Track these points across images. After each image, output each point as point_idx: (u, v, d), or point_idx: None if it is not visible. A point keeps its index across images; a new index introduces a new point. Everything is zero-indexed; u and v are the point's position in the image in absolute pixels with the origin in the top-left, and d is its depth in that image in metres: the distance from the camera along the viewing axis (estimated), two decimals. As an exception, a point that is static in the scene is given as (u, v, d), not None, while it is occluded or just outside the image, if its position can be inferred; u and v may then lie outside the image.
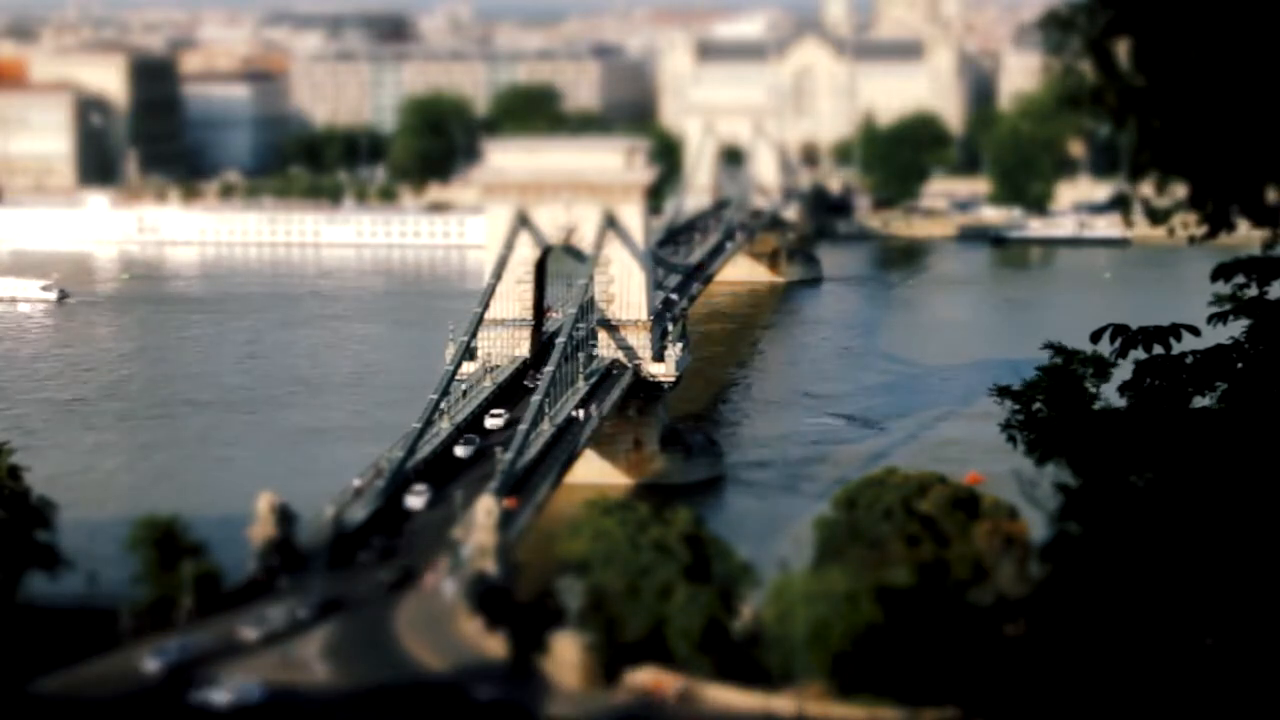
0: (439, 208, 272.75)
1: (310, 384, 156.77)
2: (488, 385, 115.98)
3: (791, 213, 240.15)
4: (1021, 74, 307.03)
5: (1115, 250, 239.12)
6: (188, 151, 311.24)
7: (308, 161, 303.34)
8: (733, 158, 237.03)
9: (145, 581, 72.94)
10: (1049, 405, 26.63)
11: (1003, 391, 27.32)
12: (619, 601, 68.09)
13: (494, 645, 69.14)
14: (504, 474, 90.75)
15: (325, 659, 68.77)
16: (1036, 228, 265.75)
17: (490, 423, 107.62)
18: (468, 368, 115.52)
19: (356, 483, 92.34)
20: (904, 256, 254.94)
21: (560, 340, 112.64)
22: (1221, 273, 23.92)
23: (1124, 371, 24.64)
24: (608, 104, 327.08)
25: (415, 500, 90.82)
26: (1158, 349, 23.85)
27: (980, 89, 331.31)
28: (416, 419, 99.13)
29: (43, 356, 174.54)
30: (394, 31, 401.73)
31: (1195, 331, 24.14)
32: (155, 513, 77.54)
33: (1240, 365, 23.52)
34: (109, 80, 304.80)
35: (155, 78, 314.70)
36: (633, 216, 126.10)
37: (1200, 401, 23.92)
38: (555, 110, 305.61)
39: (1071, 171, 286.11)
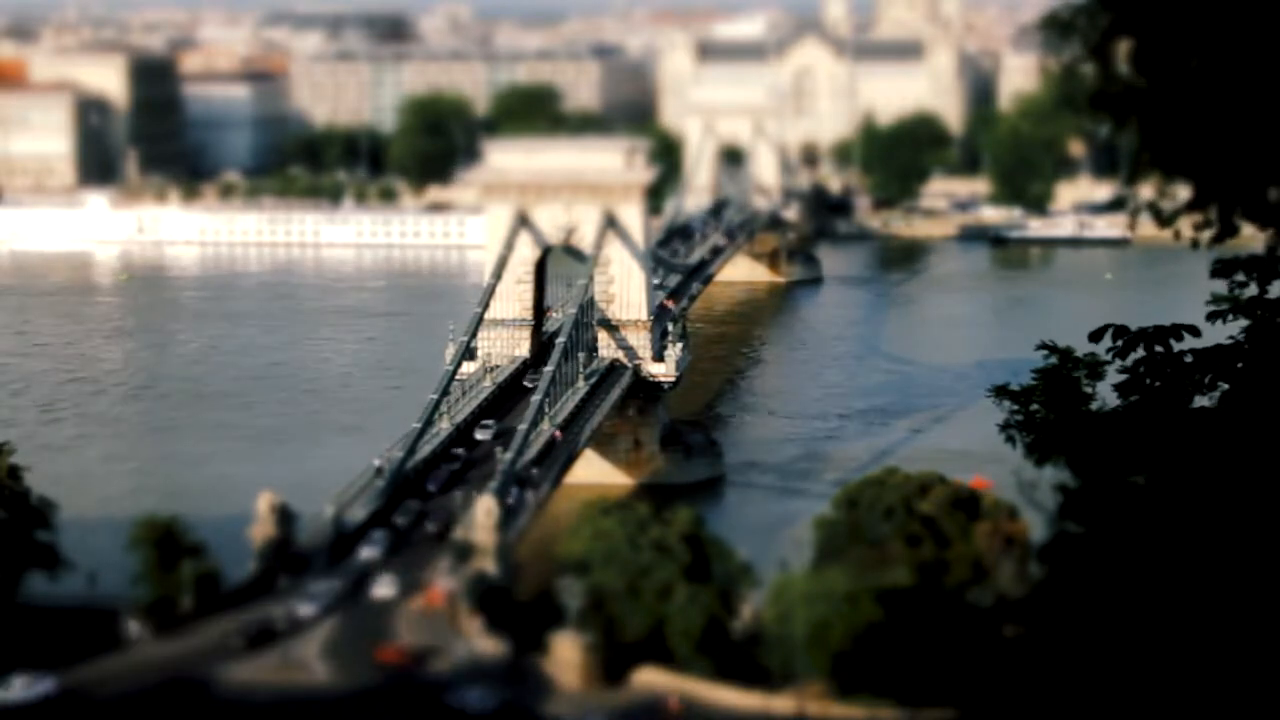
0: (439, 208, 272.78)
1: (308, 382, 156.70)
2: (487, 385, 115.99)
3: (791, 213, 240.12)
4: (1021, 74, 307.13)
5: (1115, 250, 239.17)
6: (188, 151, 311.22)
7: (308, 161, 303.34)
8: (733, 158, 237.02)
9: (145, 581, 72.97)
10: (1047, 406, 26.61)
11: (1000, 392, 27.29)
12: (619, 601, 68.14)
13: (493, 645, 69.18)
14: (504, 474, 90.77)
15: (325, 659, 68.80)
16: (1036, 228, 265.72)
17: (480, 434, 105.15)
18: (468, 367, 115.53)
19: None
20: (904, 256, 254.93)
21: (560, 340, 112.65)
22: (1220, 271, 23.91)
23: (1118, 373, 24.61)
24: (608, 104, 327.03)
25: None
26: (1156, 349, 23.85)
27: (980, 89, 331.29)
28: (416, 419, 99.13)
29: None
30: (394, 31, 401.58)
31: (1195, 332, 24.13)
32: (155, 513, 77.64)
33: (1239, 365, 23.52)
34: (109, 80, 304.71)
35: (155, 78, 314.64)
36: (633, 216, 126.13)
37: (1199, 401, 23.91)
38: (555, 110, 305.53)
39: (1071, 171, 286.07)
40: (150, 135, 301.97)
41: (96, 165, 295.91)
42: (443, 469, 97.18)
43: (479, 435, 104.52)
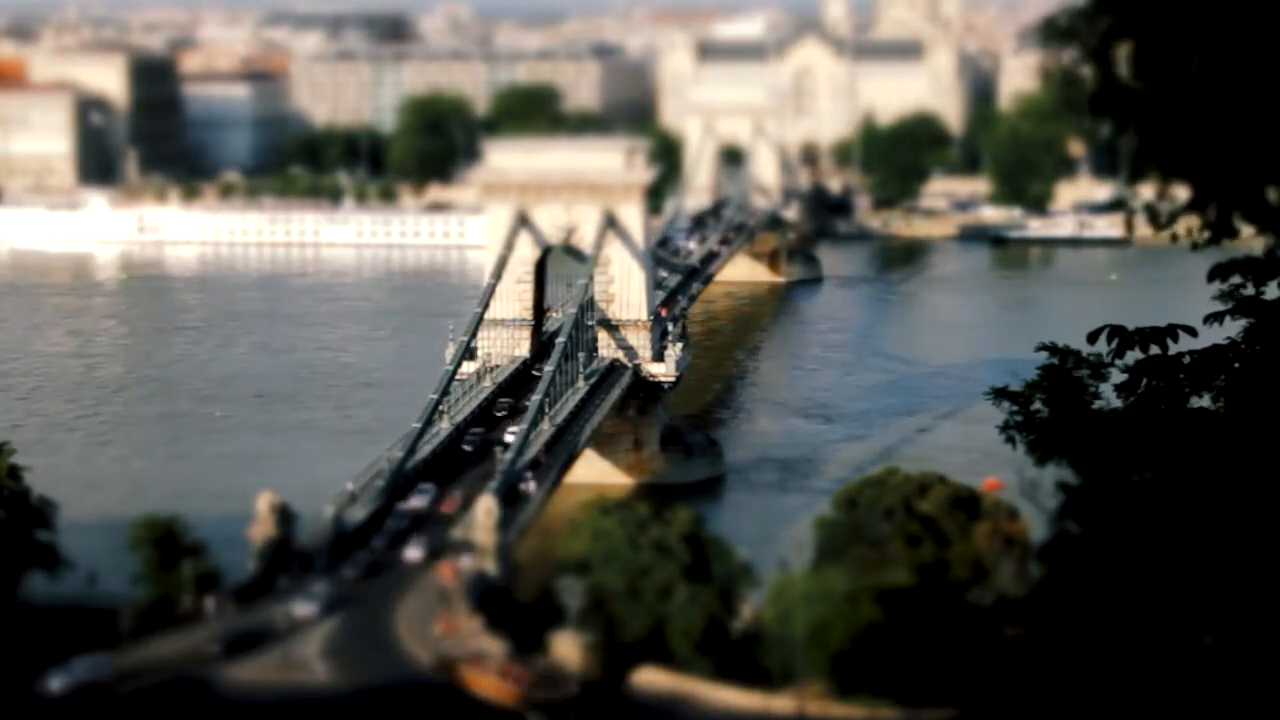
0: (439, 208, 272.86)
1: (307, 383, 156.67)
2: (487, 385, 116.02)
3: (791, 213, 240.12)
4: (1021, 74, 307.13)
5: (1115, 250, 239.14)
6: (188, 151, 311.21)
7: (308, 161, 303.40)
8: (733, 158, 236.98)
9: (145, 581, 73.04)
10: (1047, 406, 26.66)
11: (999, 393, 27.34)
12: (619, 601, 68.16)
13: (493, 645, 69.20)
14: (504, 474, 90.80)
15: (325, 659, 68.81)
16: (1036, 228, 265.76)
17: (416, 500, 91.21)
18: (468, 367, 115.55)
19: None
20: (904, 256, 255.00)
21: (560, 340, 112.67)
22: (1218, 273, 23.97)
23: (1120, 373, 24.65)
24: (608, 104, 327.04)
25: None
26: (1154, 349, 23.89)
27: (980, 89, 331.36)
28: (416, 419, 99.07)
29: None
30: (394, 31, 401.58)
31: (1192, 332, 24.17)
32: (155, 513, 77.69)
33: (1237, 365, 23.55)
34: (109, 80, 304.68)
35: (155, 78, 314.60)
36: (633, 216, 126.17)
37: (1197, 402, 23.96)
38: (555, 110, 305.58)
39: (1071, 171, 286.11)
40: (150, 135, 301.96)
41: (96, 165, 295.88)
42: (390, 523, 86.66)
43: (415, 501, 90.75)
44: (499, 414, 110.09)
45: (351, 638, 71.15)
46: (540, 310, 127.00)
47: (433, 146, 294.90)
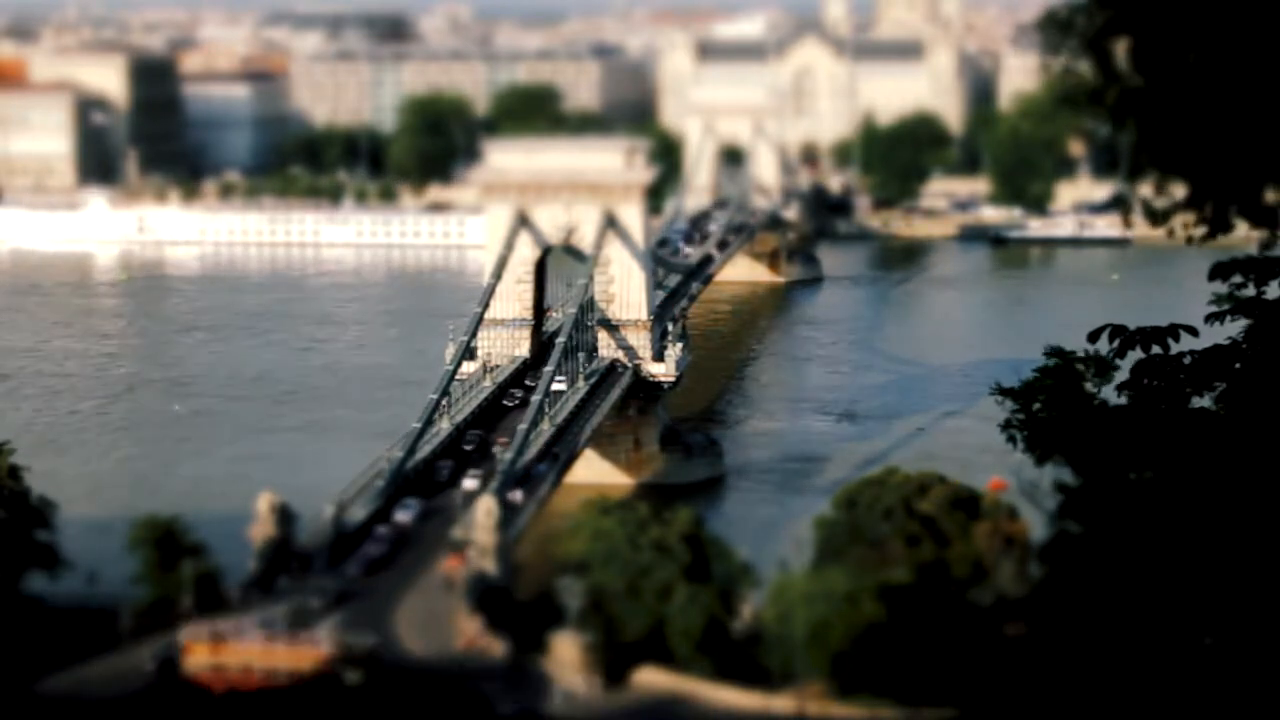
0: (439, 208, 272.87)
1: (308, 383, 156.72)
2: (487, 385, 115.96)
3: (791, 213, 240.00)
4: (1021, 74, 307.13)
5: (1115, 250, 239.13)
6: (188, 151, 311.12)
7: (308, 161, 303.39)
8: (733, 158, 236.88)
9: (145, 581, 73.01)
10: (1049, 405, 26.66)
11: (1004, 391, 27.35)
12: (619, 601, 68.14)
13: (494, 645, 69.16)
14: (504, 473, 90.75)
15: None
16: (1036, 228, 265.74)
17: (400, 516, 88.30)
18: (468, 367, 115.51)
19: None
20: (904, 256, 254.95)
21: (560, 340, 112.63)
22: (1219, 272, 23.98)
23: (1124, 372, 24.66)
24: (608, 104, 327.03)
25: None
26: (1155, 349, 23.88)
27: (980, 89, 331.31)
28: (416, 419, 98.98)
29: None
30: (394, 31, 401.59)
31: (1193, 332, 24.17)
32: (155, 513, 77.64)
33: (1238, 365, 23.54)
34: (109, 80, 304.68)
35: (155, 78, 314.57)
36: (633, 216, 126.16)
37: (1198, 401, 23.96)
38: (555, 110, 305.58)
39: (1071, 171, 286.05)
40: (150, 135, 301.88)
41: (96, 165, 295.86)
42: (367, 547, 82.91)
43: (400, 516, 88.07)
44: (467, 447, 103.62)
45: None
46: (540, 310, 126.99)
47: (433, 146, 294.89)
